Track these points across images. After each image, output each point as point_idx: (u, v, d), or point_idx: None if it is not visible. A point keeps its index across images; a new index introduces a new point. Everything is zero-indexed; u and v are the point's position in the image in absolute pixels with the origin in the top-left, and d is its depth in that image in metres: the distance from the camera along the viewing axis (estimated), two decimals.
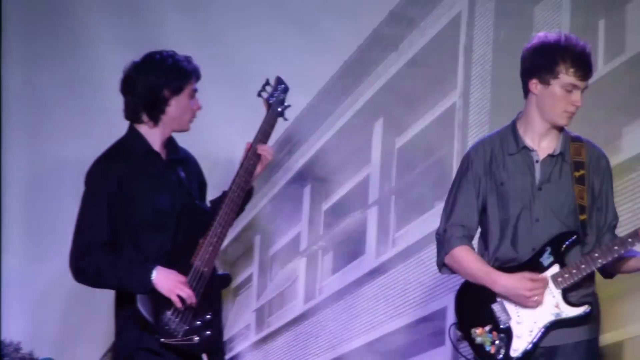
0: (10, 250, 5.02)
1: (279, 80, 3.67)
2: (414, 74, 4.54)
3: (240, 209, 3.55)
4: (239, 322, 4.99)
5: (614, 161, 3.35)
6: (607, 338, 3.86)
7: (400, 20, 4.58)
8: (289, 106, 3.67)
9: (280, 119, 3.63)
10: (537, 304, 3.20)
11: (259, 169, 3.56)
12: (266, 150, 3.55)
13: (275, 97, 3.65)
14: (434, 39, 4.44)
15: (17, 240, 5.04)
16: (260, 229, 4.96)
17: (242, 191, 3.52)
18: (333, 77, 4.67)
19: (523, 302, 3.18)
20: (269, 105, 3.63)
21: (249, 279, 5.05)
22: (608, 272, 3.20)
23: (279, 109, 3.65)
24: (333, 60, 4.76)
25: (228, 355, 4.41)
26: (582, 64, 3.15)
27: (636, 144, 3.97)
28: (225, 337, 3.78)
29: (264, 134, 3.61)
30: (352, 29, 4.75)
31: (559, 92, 3.15)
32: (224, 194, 3.48)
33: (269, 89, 3.64)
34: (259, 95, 3.62)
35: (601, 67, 4.09)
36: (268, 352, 4.91)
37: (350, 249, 4.78)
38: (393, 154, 4.65)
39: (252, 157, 3.58)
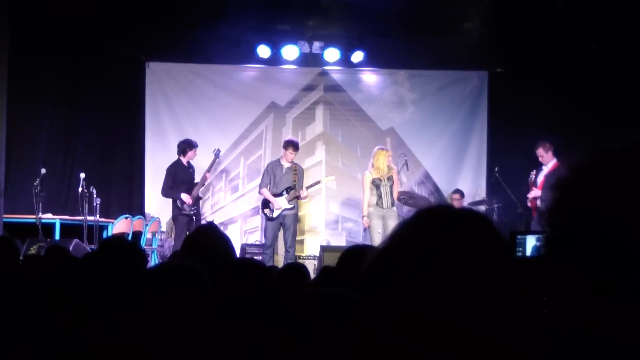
0: (149, 185, 12.79)
1: (218, 150, 11.83)
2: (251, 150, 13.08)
3: (202, 184, 11.54)
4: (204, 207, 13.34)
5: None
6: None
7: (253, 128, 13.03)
8: (218, 158, 11.81)
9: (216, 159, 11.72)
10: (278, 207, 11.09)
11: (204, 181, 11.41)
12: (207, 179, 11.42)
13: (216, 155, 11.74)
14: (258, 136, 13.01)
15: (151, 182, 12.77)
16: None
17: (202, 183, 11.38)
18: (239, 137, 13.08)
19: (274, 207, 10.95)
20: (215, 157, 11.79)
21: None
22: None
23: (216, 158, 11.71)
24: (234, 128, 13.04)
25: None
26: (294, 146, 10.70)
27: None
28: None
29: (209, 170, 11.35)
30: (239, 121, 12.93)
31: (286, 153, 10.63)
32: (200, 180, 11.53)
33: (215, 150, 11.80)
34: (212, 152, 11.83)
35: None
36: (215, 217, 13.20)
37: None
38: (245, 166, 13.13)
39: (204, 178, 11.32)
